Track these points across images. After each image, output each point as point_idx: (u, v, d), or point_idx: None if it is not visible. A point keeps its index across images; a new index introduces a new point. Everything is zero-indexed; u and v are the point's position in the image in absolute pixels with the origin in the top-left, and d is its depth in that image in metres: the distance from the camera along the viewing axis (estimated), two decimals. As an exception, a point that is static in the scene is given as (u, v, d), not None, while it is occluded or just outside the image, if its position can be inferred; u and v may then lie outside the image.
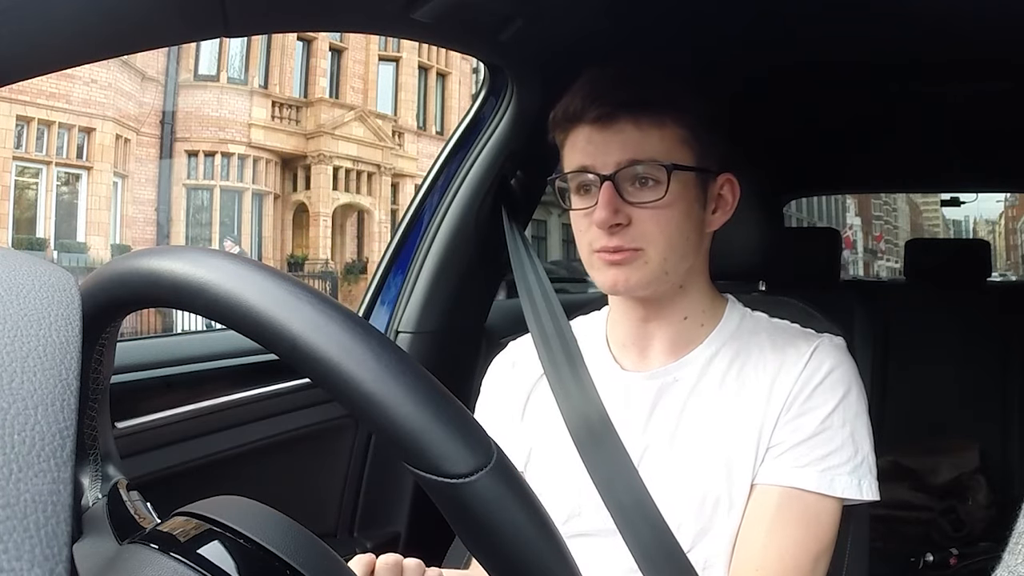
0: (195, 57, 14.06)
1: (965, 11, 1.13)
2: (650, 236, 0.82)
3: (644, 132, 0.82)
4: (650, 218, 0.82)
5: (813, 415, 0.82)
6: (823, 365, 0.84)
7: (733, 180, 0.89)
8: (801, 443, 0.81)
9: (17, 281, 0.32)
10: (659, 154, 0.82)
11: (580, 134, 0.84)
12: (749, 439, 0.83)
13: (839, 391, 0.83)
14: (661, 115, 0.82)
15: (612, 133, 0.82)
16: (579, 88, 0.85)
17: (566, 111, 0.85)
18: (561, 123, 0.86)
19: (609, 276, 0.83)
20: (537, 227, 14.53)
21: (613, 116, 0.82)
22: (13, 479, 0.23)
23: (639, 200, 0.82)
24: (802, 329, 0.91)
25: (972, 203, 15.64)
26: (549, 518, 0.36)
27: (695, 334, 0.89)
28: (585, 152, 0.84)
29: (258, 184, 14.56)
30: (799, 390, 0.83)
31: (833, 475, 0.80)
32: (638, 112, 0.81)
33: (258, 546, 0.39)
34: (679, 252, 0.84)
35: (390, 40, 14.36)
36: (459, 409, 0.36)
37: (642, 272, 0.83)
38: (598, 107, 0.82)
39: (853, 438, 0.82)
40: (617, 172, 0.81)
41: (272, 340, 0.36)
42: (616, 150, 0.82)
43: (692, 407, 0.86)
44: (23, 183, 12.18)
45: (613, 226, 0.81)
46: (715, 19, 1.16)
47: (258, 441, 1.15)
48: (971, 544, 2.07)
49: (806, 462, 0.80)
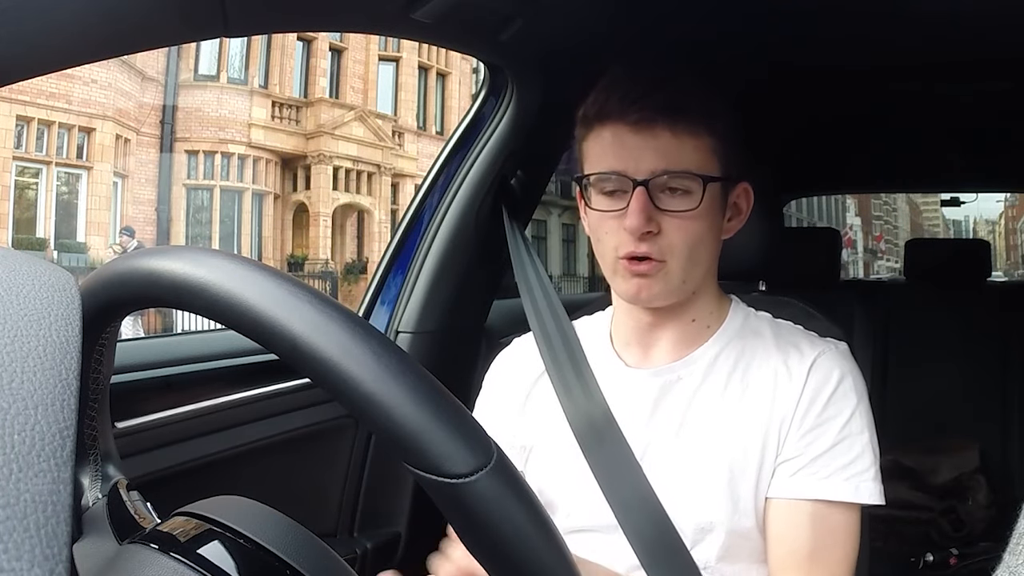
0: (195, 57, 14.06)
1: (965, 11, 1.12)
2: (675, 248, 0.82)
3: (680, 140, 0.81)
4: (678, 228, 0.81)
5: (831, 425, 0.82)
6: (833, 374, 0.84)
7: (749, 189, 0.90)
8: (823, 454, 0.81)
9: (17, 281, 0.32)
10: (693, 165, 0.81)
11: (611, 134, 0.82)
12: (753, 442, 0.83)
13: (853, 399, 0.83)
14: (696, 123, 0.81)
15: (648, 138, 0.81)
16: (613, 86, 0.83)
17: (601, 108, 0.83)
18: (591, 119, 0.84)
19: (633, 285, 0.83)
20: (537, 227, 14.54)
21: (652, 121, 0.80)
22: (13, 479, 0.23)
23: (671, 208, 0.81)
24: (806, 332, 0.91)
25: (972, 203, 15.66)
26: (549, 518, 0.36)
27: (701, 334, 0.89)
28: (618, 155, 0.82)
29: (258, 184, 14.56)
30: (810, 401, 0.83)
31: (858, 482, 0.81)
32: (676, 118, 0.80)
33: (258, 546, 0.39)
34: (697, 263, 0.84)
35: (390, 40, 14.36)
36: (459, 409, 0.36)
37: (663, 284, 0.83)
38: (637, 110, 0.80)
39: (871, 444, 0.82)
40: (651, 179, 0.80)
41: (272, 340, 0.36)
42: (651, 157, 0.80)
43: (696, 406, 0.86)
44: (23, 183, 12.18)
45: (645, 233, 0.80)
46: (716, 20, 1.16)
47: (258, 441, 1.15)
48: (971, 544, 2.07)
49: (829, 472, 0.81)
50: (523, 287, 1.09)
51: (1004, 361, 2.21)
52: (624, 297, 0.86)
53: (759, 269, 1.18)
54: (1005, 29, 1.16)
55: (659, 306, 0.86)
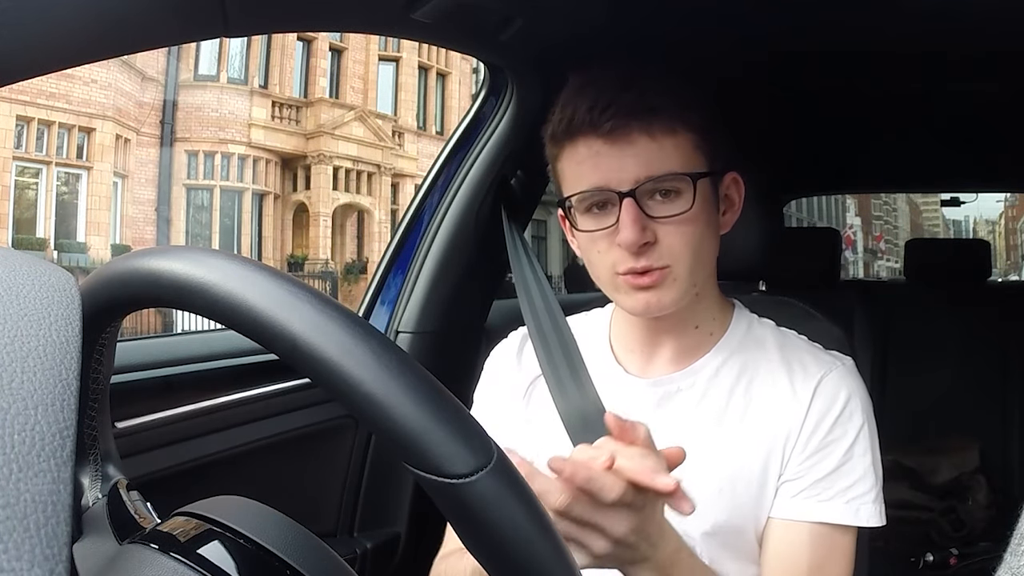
0: (195, 57, 14.08)
1: (966, 10, 1.12)
2: (677, 252, 0.77)
3: (659, 143, 0.76)
4: (676, 232, 0.77)
5: (835, 447, 0.80)
6: (839, 395, 0.82)
7: (738, 179, 0.87)
8: (825, 477, 0.80)
9: (17, 281, 0.32)
10: (677, 165, 0.77)
11: (586, 148, 0.78)
12: (756, 462, 0.81)
13: (857, 420, 0.81)
14: (672, 121, 0.77)
15: (625, 147, 0.76)
16: (578, 95, 0.78)
17: (569, 123, 0.78)
18: (560, 136, 0.80)
19: (640, 300, 0.79)
20: (537, 227, 14.51)
21: (626, 127, 0.76)
22: (13, 479, 0.23)
23: (664, 214, 0.77)
24: (811, 345, 0.88)
25: (972, 203, 15.67)
26: (549, 518, 0.36)
27: (703, 342, 0.87)
28: (596, 169, 0.77)
29: (258, 184, 14.57)
30: (816, 422, 0.81)
31: (858, 505, 0.80)
32: (650, 120, 0.76)
33: (258, 546, 0.39)
34: (703, 262, 0.81)
35: (390, 40, 14.36)
36: (459, 409, 0.36)
37: (672, 290, 0.79)
38: (607, 118, 0.75)
39: (873, 466, 0.81)
40: (637, 188, 0.76)
41: (272, 340, 0.36)
42: (632, 165, 0.76)
43: (696, 421, 0.84)
44: (23, 183, 12.18)
45: (642, 246, 0.76)
46: (718, 20, 1.16)
47: (258, 441, 1.15)
48: (971, 544, 2.07)
49: (831, 495, 0.79)
50: (520, 288, 1.08)
51: (1004, 360, 2.21)
52: (633, 313, 0.82)
53: (759, 269, 1.18)
54: (1006, 28, 1.16)
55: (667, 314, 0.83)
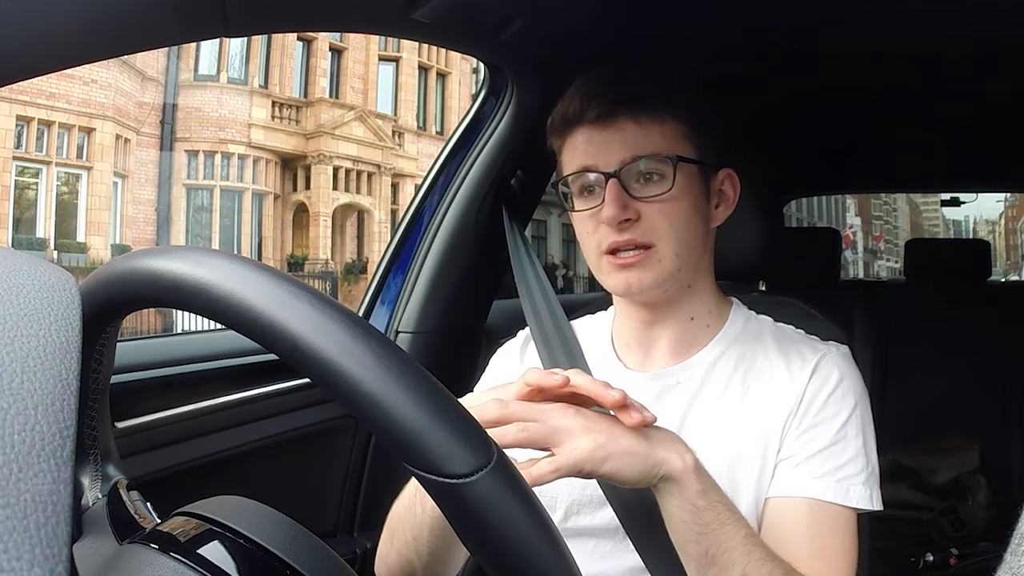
0: (195, 57, 14.07)
1: (966, 10, 1.12)
2: (660, 231, 0.81)
3: (645, 128, 0.82)
4: (658, 212, 0.81)
5: (828, 425, 0.81)
6: (832, 375, 0.84)
7: (733, 175, 0.90)
8: (816, 454, 0.81)
9: (17, 281, 0.32)
10: (662, 148, 0.82)
11: (579, 135, 0.84)
12: (754, 446, 0.82)
13: (851, 401, 0.83)
14: (660, 111, 0.82)
15: (613, 131, 0.82)
16: (575, 91, 0.85)
17: (564, 114, 0.84)
18: (559, 127, 0.86)
19: (621, 279, 0.83)
20: (537, 227, 14.54)
21: (613, 114, 0.82)
22: (13, 479, 0.23)
23: (646, 195, 0.81)
24: (807, 337, 0.90)
25: (972, 203, 15.67)
26: (549, 518, 0.36)
27: (700, 335, 0.89)
28: (586, 152, 0.83)
29: (258, 184, 14.56)
30: (809, 401, 0.82)
31: (848, 485, 0.80)
32: (637, 109, 0.82)
33: (258, 546, 0.39)
34: (689, 246, 0.84)
35: (390, 40, 14.36)
36: (459, 409, 0.36)
37: (655, 271, 0.82)
38: (596, 106, 0.81)
39: (865, 448, 0.82)
40: (621, 169, 0.81)
41: (272, 340, 0.36)
42: (618, 148, 0.82)
43: (695, 410, 0.85)
44: (23, 183, 12.18)
45: (623, 222, 0.81)
46: (717, 20, 1.16)
47: (258, 441, 1.15)
48: (971, 544, 2.07)
49: (822, 472, 0.80)
50: (522, 287, 1.09)
51: (1004, 360, 2.20)
52: (616, 292, 0.86)
53: (759, 269, 1.18)
54: (1006, 28, 1.16)
55: (655, 300, 0.86)
